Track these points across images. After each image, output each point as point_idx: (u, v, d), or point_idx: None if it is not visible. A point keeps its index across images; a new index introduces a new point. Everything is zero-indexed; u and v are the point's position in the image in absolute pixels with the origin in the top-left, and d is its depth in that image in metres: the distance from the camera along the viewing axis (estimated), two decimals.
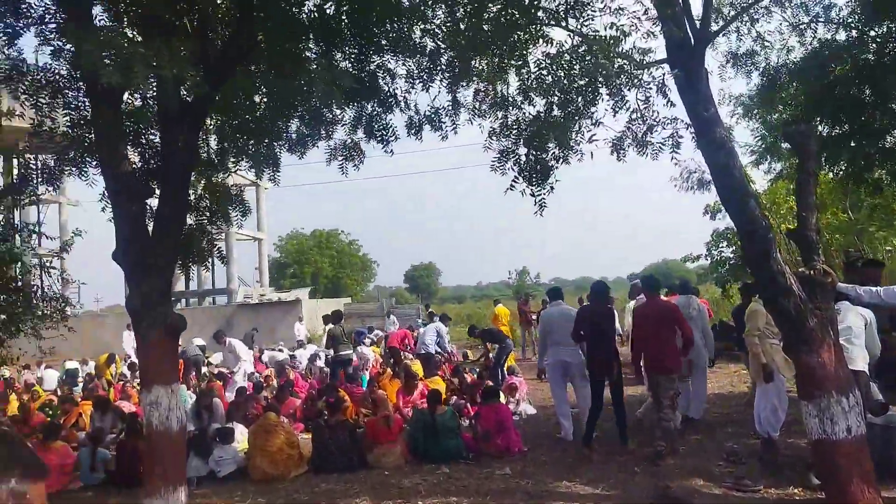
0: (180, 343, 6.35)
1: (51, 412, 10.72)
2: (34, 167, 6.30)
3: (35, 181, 6.39)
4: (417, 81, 6.14)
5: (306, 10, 5.88)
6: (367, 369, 12.43)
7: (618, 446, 6.98)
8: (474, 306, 39.60)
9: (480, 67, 6.13)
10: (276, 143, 7.56)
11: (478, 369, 11.86)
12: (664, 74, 5.13)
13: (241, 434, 7.80)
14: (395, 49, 6.06)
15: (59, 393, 12.89)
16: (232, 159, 7.77)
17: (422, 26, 5.96)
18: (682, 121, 5.30)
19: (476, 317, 26.83)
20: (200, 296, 33.43)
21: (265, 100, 6.81)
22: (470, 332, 14.37)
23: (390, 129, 6.41)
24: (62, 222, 27.92)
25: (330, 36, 5.97)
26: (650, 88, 5.05)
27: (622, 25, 5.00)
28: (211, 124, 7.24)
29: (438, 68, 5.93)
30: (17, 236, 7.13)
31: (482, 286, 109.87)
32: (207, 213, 7.55)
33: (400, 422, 7.51)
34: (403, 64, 6.39)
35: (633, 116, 5.23)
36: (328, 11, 5.65)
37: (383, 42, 6.02)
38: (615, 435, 7.14)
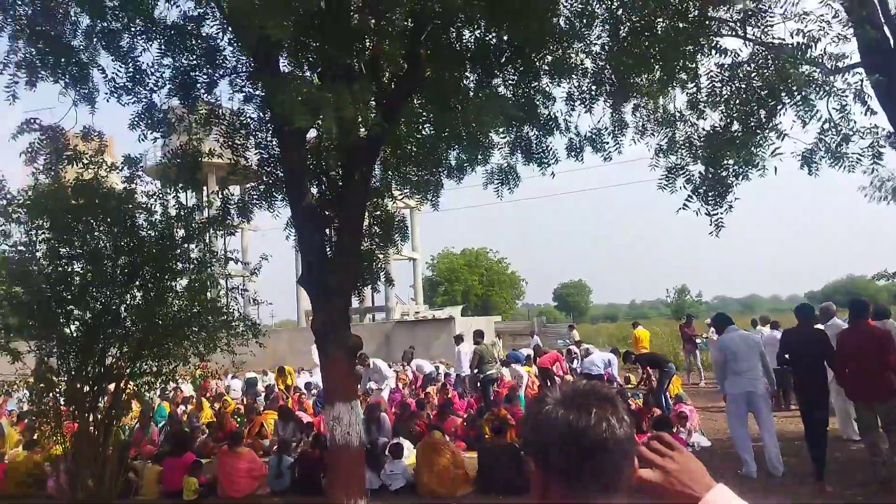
0: None
1: (239, 419, 11.88)
2: (231, 201, 7.09)
3: (232, 214, 7.17)
4: (578, 103, 6.08)
5: (466, 42, 6.10)
6: (521, 388, 12.39)
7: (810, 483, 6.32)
8: (628, 326, 37.90)
9: (642, 83, 5.94)
10: (437, 170, 7.89)
11: (641, 395, 11.33)
12: (861, 80, 4.61)
13: (409, 450, 8.09)
14: (555, 72, 6.05)
15: (244, 402, 14.22)
16: (396, 187, 8.22)
17: (582, 47, 5.91)
18: (885, 129, 4.72)
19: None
20: (361, 313, 35.46)
21: (429, 130, 7.13)
22: (625, 359, 13.72)
23: (550, 152, 6.40)
24: (244, 246, 31.11)
25: (489, 64, 6.14)
26: (846, 96, 4.56)
27: (809, 31, 4.58)
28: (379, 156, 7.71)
29: (602, 89, 5.83)
30: (215, 263, 8.01)
31: (636, 305, 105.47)
32: (375, 239, 8.03)
33: None
34: (562, 86, 6.38)
35: (826, 126, 4.75)
36: (489, 41, 5.79)
37: (543, 66, 6.05)
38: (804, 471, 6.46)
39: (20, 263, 7.08)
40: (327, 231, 6.40)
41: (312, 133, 6.79)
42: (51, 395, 7.25)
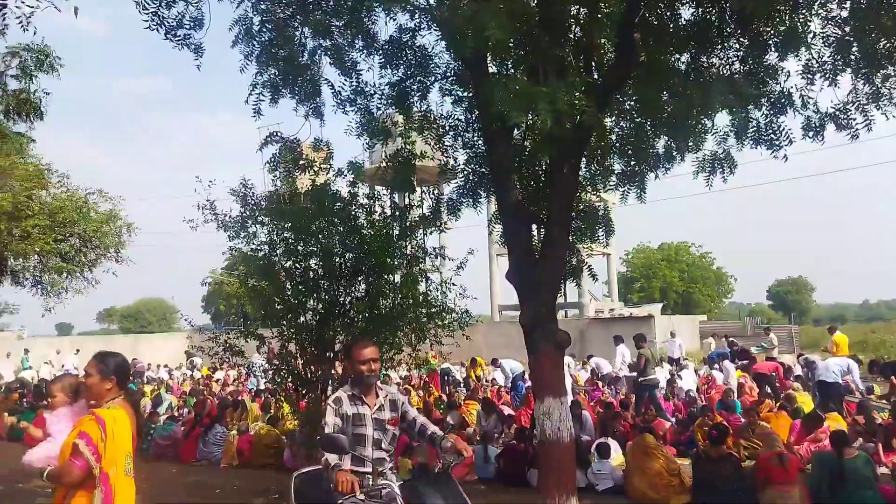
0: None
1: (442, 407, 12.48)
2: (441, 200, 7.48)
3: (442, 211, 7.56)
4: (818, 76, 5.38)
5: (682, 21, 5.72)
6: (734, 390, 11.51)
7: None
8: (861, 329, 32.89)
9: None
10: (642, 161, 7.52)
11: (889, 408, 9.79)
12: None
13: (615, 451, 7.86)
14: (787, 44, 5.42)
15: (447, 391, 14.91)
16: (599, 180, 7.99)
17: (821, 13, 5.23)
18: None
19: (872, 343, 22.34)
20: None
21: (636, 118, 6.83)
22: (870, 368, 11.90)
23: (783, 132, 5.74)
24: (440, 244, 32.61)
25: (708, 42, 5.69)
26: None
27: None
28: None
29: (847, 58, 5.10)
30: (426, 259, 8.50)
31: (868, 304, 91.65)
32: (578, 233, 7.89)
33: (796, 462, 6.62)
34: (794, 59, 5.69)
35: None
36: (710, 17, 5.37)
37: (772, 39, 5.46)
38: None
39: (265, 260, 8.16)
40: (534, 226, 6.44)
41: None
42: (289, 376, 8.24)
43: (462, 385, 15.85)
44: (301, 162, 7.39)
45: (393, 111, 6.97)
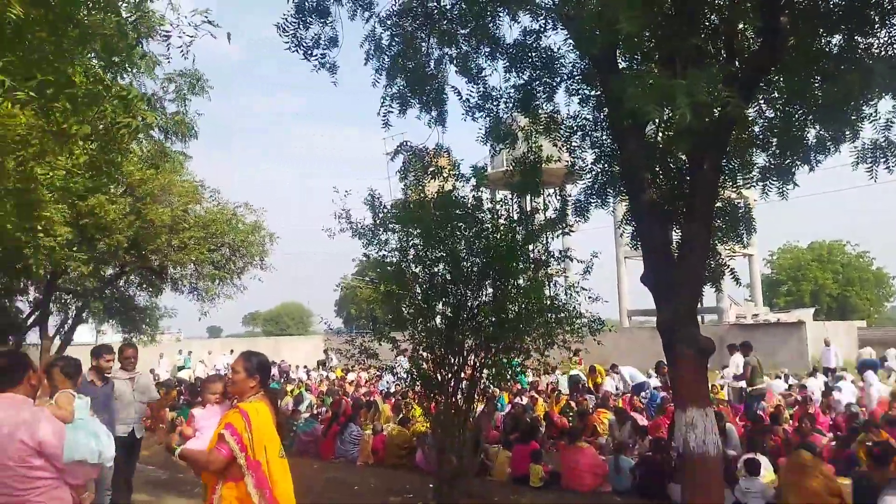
0: None
1: (571, 414, 12.19)
2: (567, 202, 7.31)
3: (568, 213, 7.39)
4: None
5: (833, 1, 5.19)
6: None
7: None
8: None
9: None
10: (789, 153, 6.91)
11: None
12: None
13: (765, 468, 7.26)
14: None
15: (575, 398, 14.52)
16: (741, 174, 7.45)
17: None
18: None
19: None
20: None
21: (783, 107, 6.30)
22: None
23: None
24: (563, 248, 32.01)
25: (865, 22, 5.13)
26: None
27: None
28: None
29: None
30: (552, 262, 8.35)
31: None
32: (718, 233, 7.40)
33: None
34: None
35: None
36: None
37: None
38: None
39: (395, 266, 8.42)
40: (670, 225, 6.12)
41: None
42: (419, 379, 8.42)
43: (590, 393, 15.37)
44: (430, 169, 7.54)
45: (519, 114, 6.93)
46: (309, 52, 5.58)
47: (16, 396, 2.98)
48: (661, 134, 6.49)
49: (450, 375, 8.16)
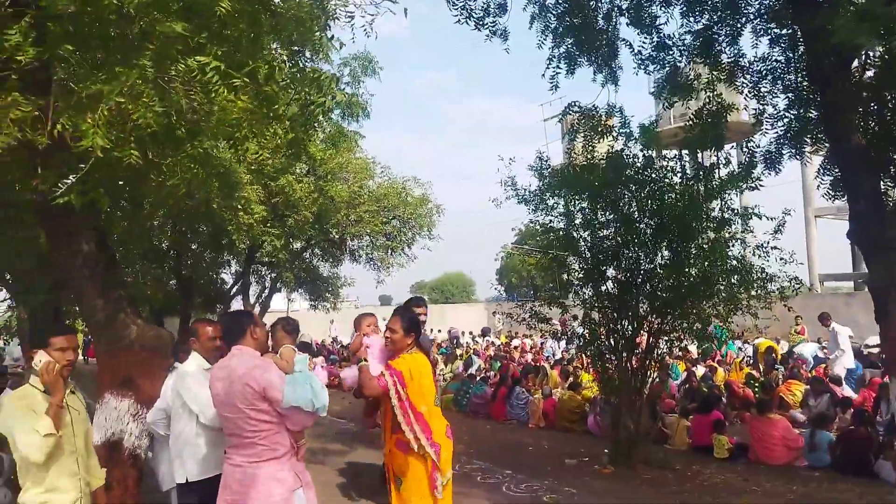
0: None
1: (756, 385, 11.32)
2: (756, 154, 6.69)
3: (756, 166, 6.77)
4: None
5: None
6: None
7: None
8: None
9: None
10: None
11: None
12: None
13: None
14: None
15: (761, 370, 13.47)
16: None
17: None
18: None
19: None
20: None
21: None
22: None
23: None
24: (741, 205, 29.35)
25: None
26: None
27: None
28: None
29: None
30: (735, 221, 7.73)
31: None
32: None
33: None
34: None
35: None
36: None
37: None
38: None
39: (564, 231, 8.33)
40: (882, 175, 5.40)
41: None
42: (594, 344, 8.30)
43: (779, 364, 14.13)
44: (600, 130, 7.30)
45: (697, 63, 6.45)
46: (480, 21, 5.62)
47: (244, 348, 3.39)
48: (870, 71, 5.69)
49: (623, 341, 7.97)
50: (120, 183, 4.40)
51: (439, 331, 25.27)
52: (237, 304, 16.60)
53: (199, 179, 4.88)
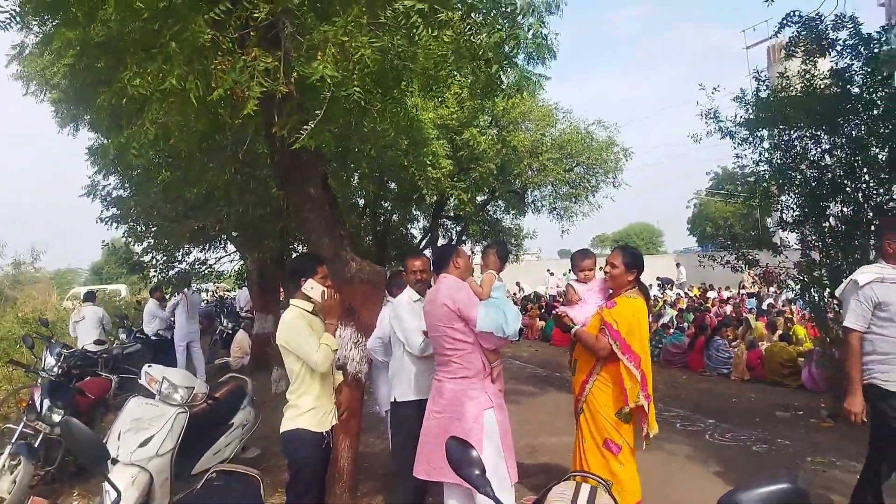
0: None
1: None
2: None
3: None
4: None
5: None
6: None
7: None
8: None
9: None
10: None
11: None
12: None
13: None
14: None
15: None
16: None
17: None
18: None
19: None
20: None
21: None
22: None
23: None
24: None
25: None
26: None
27: None
28: None
29: None
30: None
31: None
32: None
33: None
34: None
35: None
36: None
37: None
38: None
39: (776, 164, 7.49)
40: None
41: None
42: (813, 288, 7.44)
43: None
44: (824, 43, 6.36)
45: None
46: None
47: (448, 276, 3.63)
48: None
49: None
50: (337, 129, 4.73)
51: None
52: None
53: (401, 127, 5.10)
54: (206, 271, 9.93)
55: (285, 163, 4.13)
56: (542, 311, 17.11)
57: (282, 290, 10.90)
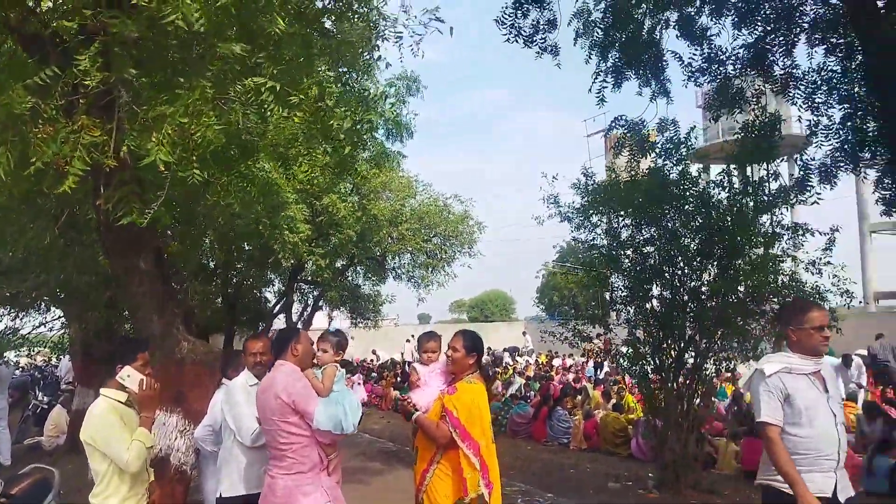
0: None
1: None
2: (811, 168, 6.49)
3: (811, 180, 6.55)
4: None
5: None
6: None
7: None
8: None
9: None
10: None
11: None
12: None
13: None
14: None
15: None
16: None
17: None
18: None
19: None
20: None
21: None
22: None
23: None
24: (790, 222, 28.52)
25: None
26: None
27: None
28: None
29: None
30: (786, 236, 7.49)
31: None
32: None
33: None
34: None
35: None
36: None
37: None
38: None
39: (607, 248, 8.21)
40: None
41: None
42: (639, 363, 8.10)
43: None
44: (646, 145, 7.20)
45: (749, 75, 6.32)
46: (529, 39, 5.65)
47: (285, 363, 3.46)
48: None
49: (669, 361, 7.78)
50: (176, 204, 4.51)
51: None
52: (280, 323, 16.81)
53: (249, 198, 4.97)
54: (17, 342, 8.81)
55: (112, 234, 3.83)
56: (398, 379, 17.00)
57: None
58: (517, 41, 5.49)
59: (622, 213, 7.88)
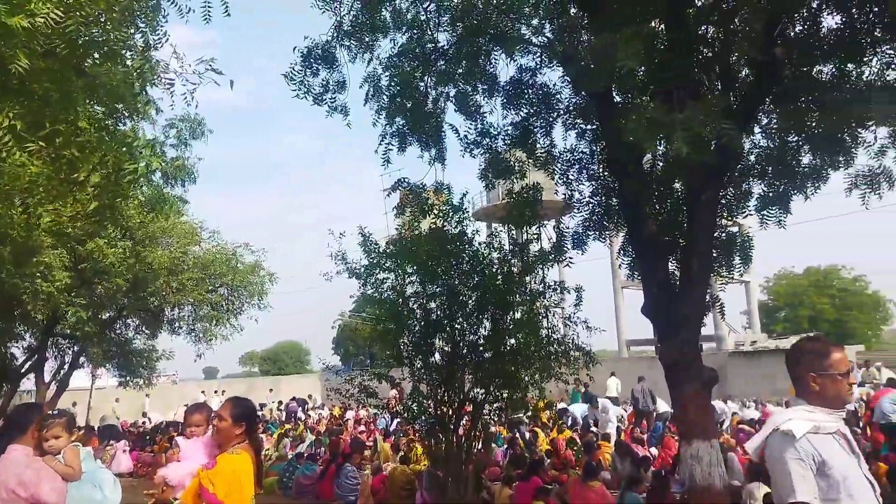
0: None
1: (575, 449, 11.98)
2: (564, 234, 7.33)
3: (566, 246, 7.39)
4: None
5: (826, 30, 5.33)
6: None
7: None
8: None
9: None
10: (784, 182, 7.00)
11: None
12: None
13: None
14: None
15: (578, 432, 14.28)
16: (737, 204, 7.51)
17: None
18: None
19: None
20: None
21: (778, 136, 6.40)
22: None
23: None
24: (559, 280, 31.93)
25: (856, 51, 5.25)
26: None
27: None
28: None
29: None
30: (548, 294, 8.31)
31: None
32: (714, 263, 7.41)
33: None
34: None
35: None
36: (857, 23, 4.96)
37: None
38: None
39: (392, 303, 8.38)
40: (670, 256, 6.15)
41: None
42: (422, 416, 8.29)
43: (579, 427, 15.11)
44: (425, 206, 7.58)
45: (516, 150, 7.02)
46: (319, 97, 5.68)
47: (17, 448, 2.97)
48: (658, 166, 6.57)
49: (451, 412, 8.07)
50: None
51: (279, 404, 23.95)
52: (29, 384, 14.46)
53: None
54: None
55: None
56: (171, 444, 15.37)
57: None
58: (307, 98, 5.51)
59: (407, 269, 8.14)
